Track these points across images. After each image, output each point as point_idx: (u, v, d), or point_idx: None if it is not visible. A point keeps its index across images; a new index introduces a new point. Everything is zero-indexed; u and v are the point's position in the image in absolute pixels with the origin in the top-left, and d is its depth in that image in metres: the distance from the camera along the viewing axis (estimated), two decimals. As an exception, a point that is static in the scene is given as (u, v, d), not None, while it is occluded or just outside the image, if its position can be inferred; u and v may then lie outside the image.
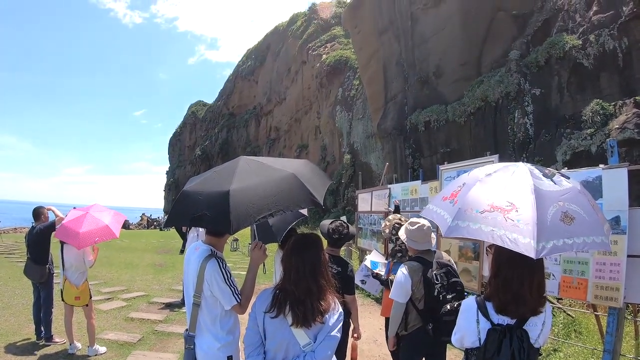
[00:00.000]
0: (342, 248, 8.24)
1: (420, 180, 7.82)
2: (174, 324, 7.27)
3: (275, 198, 2.41)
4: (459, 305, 3.41)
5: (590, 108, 11.94)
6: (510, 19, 16.07)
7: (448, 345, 3.55)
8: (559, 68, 13.39)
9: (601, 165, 4.42)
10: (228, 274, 2.76)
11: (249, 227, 2.80)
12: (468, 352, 2.37)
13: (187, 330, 2.86)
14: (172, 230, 36.43)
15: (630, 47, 11.78)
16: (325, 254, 2.48)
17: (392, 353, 5.35)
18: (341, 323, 2.35)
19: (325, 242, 3.22)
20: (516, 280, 2.17)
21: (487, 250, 2.51)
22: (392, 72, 20.73)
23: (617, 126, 11.02)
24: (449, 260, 3.77)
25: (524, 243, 1.97)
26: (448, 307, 3.39)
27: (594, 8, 12.96)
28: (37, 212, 6.31)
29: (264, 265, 4.09)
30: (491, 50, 16.37)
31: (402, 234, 3.98)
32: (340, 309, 2.37)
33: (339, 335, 2.31)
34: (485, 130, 15.60)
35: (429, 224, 3.84)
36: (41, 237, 6.13)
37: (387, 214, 8.67)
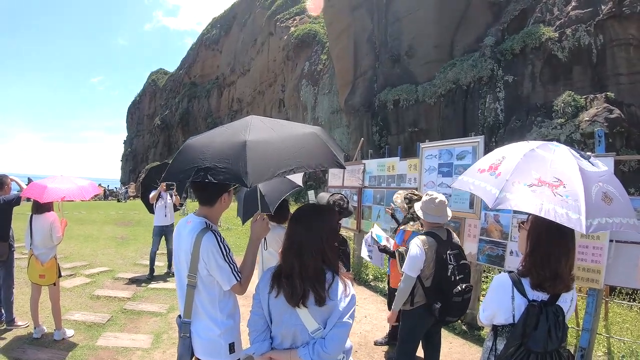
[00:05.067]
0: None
1: (398, 157, 7.74)
2: (144, 302, 6.99)
3: (296, 154, 2.15)
4: (467, 287, 3.48)
5: (562, 99, 12.26)
6: (486, 5, 16.25)
7: (443, 333, 3.53)
8: (534, 58, 13.68)
9: (589, 153, 4.46)
10: (227, 249, 2.46)
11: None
12: (498, 330, 2.33)
13: (179, 316, 2.58)
14: (131, 202, 35.71)
15: (605, 44, 12.23)
16: (331, 229, 2.21)
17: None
18: (353, 308, 2.10)
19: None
20: (554, 257, 2.18)
21: (519, 226, 2.47)
22: (362, 48, 20.53)
23: (587, 118, 11.34)
24: (458, 241, 3.82)
25: (574, 218, 2.00)
26: (459, 288, 3.45)
27: (573, 3, 13.30)
28: (1, 181, 5.69)
29: (264, 240, 3.84)
30: (465, 34, 16.48)
31: (417, 208, 3.96)
32: (353, 292, 2.12)
33: (351, 321, 2.06)
34: (455, 113, 15.72)
35: (443, 198, 3.84)
36: (3, 210, 5.56)
37: (360, 189, 8.65)
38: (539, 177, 2.17)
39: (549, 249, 2.19)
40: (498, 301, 2.29)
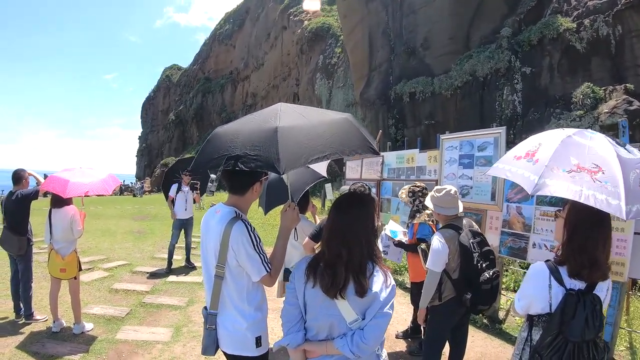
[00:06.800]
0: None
1: (417, 149, 7.67)
2: (162, 295, 6.99)
3: (328, 140, 2.09)
4: (495, 273, 3.39)
5: (580, 91, 12.05)
6: (502, -4, 15.94)
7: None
8: (551, 49, 13.44)
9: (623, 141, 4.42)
10: (257, 239, 2.38)
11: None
12: (534, 319, 2.27)
13: (205, 308, 2.51)
14: (147, 197, 35.93)
15: (624, 35, 11.99)
16: (373, 218, 2.14)
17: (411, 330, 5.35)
18: (393, 298, 2.03)
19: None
20: (592, 244, 2.13)
21: (556, 214, 2.43)
22: (377, 41, 20.35)
23: (607, 110, 11.14)
24: (478, 229, 3.71)
25: (614, 204, 1.97)
26: (487, 275, 3.36)
27: (591, -7, 12.96)
28: (19, 176, 5.72)
29: (295, 231, 3.75)
30: (481, 26, 16.24)
31: (428, 202, 3.90)
32: (393, 282, 2.05)
33: (391, 312, 1.99)
34: (472, 105, 15.52)
35: (455, 189, 3.77)
36: (21, 204, 5.60)
37: (379, 182, 8.59)
38: (577, 163, 2.14)
39: (587, 236, 2.14)
40: (534, 290, 2.23)
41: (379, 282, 1.99)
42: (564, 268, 2.18)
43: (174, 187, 8.96)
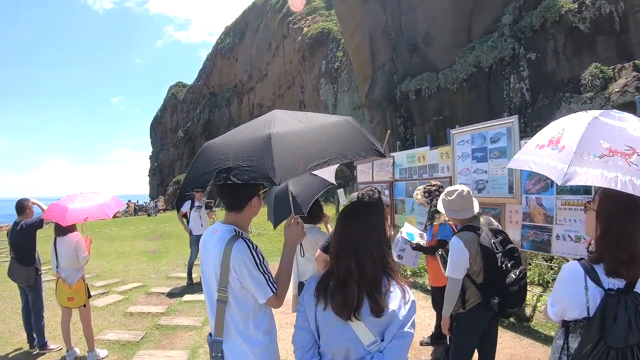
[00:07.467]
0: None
1: (428, 146, 7.45)
2: (178, 316, 6.84)
3: (329, 145, 1.92)
4: (522, 272, 3.16)
5: (589, 72, 11.79)
6: (500, -16, 15.69)
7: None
8: (555, 32, 13.19)
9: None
10: (260, 257, 2.19)
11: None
12: (570, 325, 2.03)
13: (210, 334, 2.30)
14: (161, 215, 36.00)
15: (627, 11, 11.76)
16: (385, 227, 1.94)
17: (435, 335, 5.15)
18: (414, 316, 1.83)
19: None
20: (630, 236, 1.90)
21: (585, 206, 2.17)
22: (378, 41, 20.16)
23: (618, 89, 10.87)
24: (498, 225, 3.47)
25: None
26: (513, 276, 3.12)
27: (589, -29, 12.71)
28: (22, 205, 5.64)
29: (300, 246, 3.57)
30: (481, 16, 15.97)
31: (440, 207, 3.65)
32: (413, 298, 1.85)
33: (412, 330, 1.79)
34: (479, 97, 15.27)
35: (468, 189, 3.51)
36: (26, 234, 5.50)
37: (391, 183, 8.38)
38: (609, 147, 1.91)
39: (623, 228, 1.90)
40: (570, 294, 2.00)
41: (397, 298, 1.80)
42: (600, 266, 1.95)
43: (187, 203, 8.92)
